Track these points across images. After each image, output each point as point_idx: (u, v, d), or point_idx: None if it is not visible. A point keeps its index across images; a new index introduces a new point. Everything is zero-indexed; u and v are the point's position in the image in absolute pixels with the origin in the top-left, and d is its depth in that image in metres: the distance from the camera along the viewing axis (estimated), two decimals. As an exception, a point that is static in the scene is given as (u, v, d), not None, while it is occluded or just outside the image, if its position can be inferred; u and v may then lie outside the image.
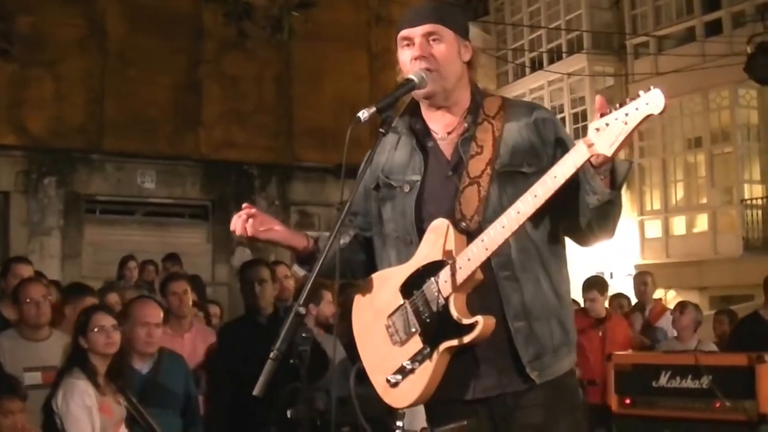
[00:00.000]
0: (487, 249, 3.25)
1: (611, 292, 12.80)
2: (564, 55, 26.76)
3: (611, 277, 23.94)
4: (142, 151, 16.46)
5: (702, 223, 24.50)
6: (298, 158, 17.58)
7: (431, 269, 3.39)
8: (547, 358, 3.49)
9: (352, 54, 17.85)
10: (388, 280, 3.57)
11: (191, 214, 17.60)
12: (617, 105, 3.06)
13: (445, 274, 3.34)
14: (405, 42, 3.59)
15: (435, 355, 3.35)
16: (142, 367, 6.52)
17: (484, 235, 3.28)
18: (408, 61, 3.56)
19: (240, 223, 3.58)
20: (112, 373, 5.92)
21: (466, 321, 3.29)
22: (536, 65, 27.97)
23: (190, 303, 8.30)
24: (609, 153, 3.05)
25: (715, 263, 23.25)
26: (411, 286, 3.46)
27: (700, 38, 23.69)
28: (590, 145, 3.08)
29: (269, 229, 3.63)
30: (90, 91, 16.14)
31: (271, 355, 3.00)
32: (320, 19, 15.79)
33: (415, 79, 3.47)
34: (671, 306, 11.80)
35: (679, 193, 25.17)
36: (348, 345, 7.62)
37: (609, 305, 10.94)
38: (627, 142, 3.05)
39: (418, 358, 3.39)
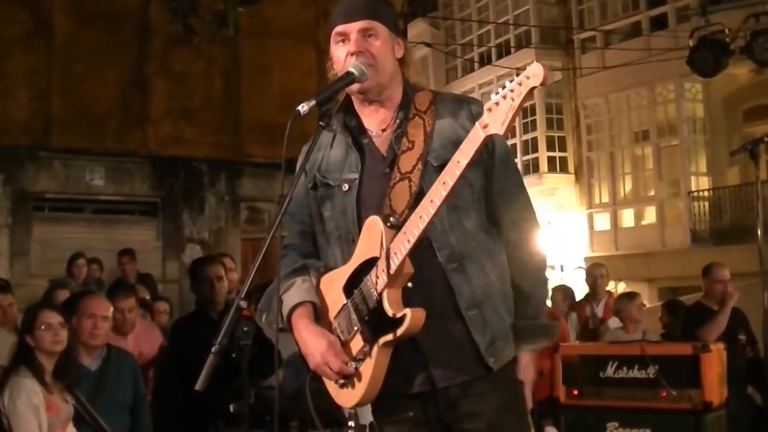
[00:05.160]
0: (409, 241, 3.24)
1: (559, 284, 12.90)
2: (512, 50, 26.89)
3: (561, 270, 24.15)
4: (89, 147, 16.35)
5: (650, 215, 24.74)
6: (246, 154, 17.53)
7: (368, 266, 3.39)
8: (500, 343, 3.54)
9: (300, 50, 17.82)
10: (333, 282, 3.57)
11: (140, 211, 17.50)
12: (506, 83, 3.10)
13: (377, 270, 3.34)
14: (340, 38, 3.56)
15: (374, 352, 3.35)
16: (91, 363, 6.47)
17: (405, 229, 3.28)
18: (343, 57, 3.54)
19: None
20: (59, 371, 5.86)
21: (397, 314, 3.29)
22: (485, 60, 28.09)
23: (135, 317, 8.28)
24: (501, 131, 3.08)
25: (663, 255, 23.47)
26: (352, 286, 3.46)
27: (646, 33, 23.90)
28: (485, 126, 3.11)
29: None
30: (36, 88, 16.02)
31: (213, 349, 2.99)
32: (267, 15, 15.79)
33: (355, 72, 3.44)
34: (620, 297, 11.88)
35: (627, 185, 25.39)
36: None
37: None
38: (515, 117, 3.10)
39: (360, 357, 3.39)
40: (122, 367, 6.71)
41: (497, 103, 3.10)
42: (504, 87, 3.10)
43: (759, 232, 7.74)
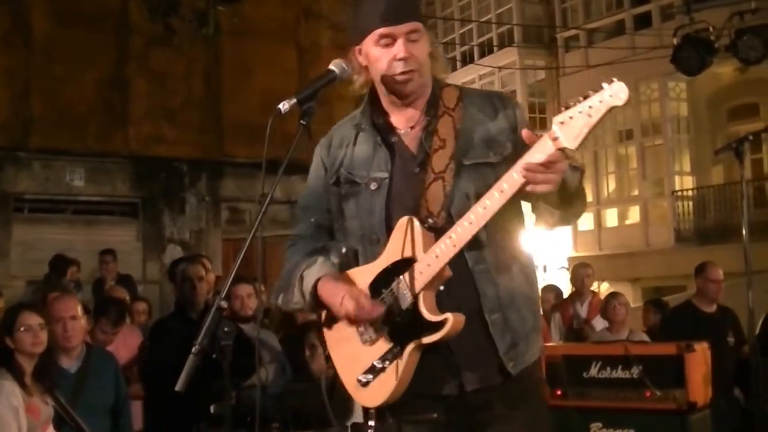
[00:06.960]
0: (455, 246, 3.21)
1: (543, 284, 12.87)
2: (495, 48, 26.91)
3: (545, 270, 24.13)
4: (70, 148, 16.25)
5: (634, 215, 24.77)
6: (227, 154, 17.48)
7: (399, 268, 3.35)
8: (522, 346, 3.48)
9: (281, 49, 17.78)
10: (357, 279, 3.51)
11: (121, 212, 17.40)
12: (580, 98, 3.05)
13: (413, 272, 3.30)
14: (385, 39, 3.42)
15: (405, 354, 3.33)
16: (70, 365, 6.46)
17: (451, 232, 3.23)
18: (386, 60, 3.41)
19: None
20: (39, 372, 5.83)
21: (435, 319, 3.27)
22: (467, 59, 28.09)
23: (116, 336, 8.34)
24: (574, 146, 3.03)
25: (647, 255, 23.50)
26: (379, 285, 3.41)
27: (630, 31, 23.97)
28: (555, 139, 3.05)
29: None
30: (15, 88, 15.92)
31: (193, 349, 2.96)
32: (248, 14, 15.74)
33: (336, 71, 3.39)
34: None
35: (611, 185, 25.41)
36: (284, 339, 7.60)
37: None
38: (590, 134, 3.04)
39: (389, 357, 3.37)
40: (103, 368, 6.70)
41: (572, 117, 3.05)
42: (580, 101, 3.05)
43: (744, 232, 7.70)
